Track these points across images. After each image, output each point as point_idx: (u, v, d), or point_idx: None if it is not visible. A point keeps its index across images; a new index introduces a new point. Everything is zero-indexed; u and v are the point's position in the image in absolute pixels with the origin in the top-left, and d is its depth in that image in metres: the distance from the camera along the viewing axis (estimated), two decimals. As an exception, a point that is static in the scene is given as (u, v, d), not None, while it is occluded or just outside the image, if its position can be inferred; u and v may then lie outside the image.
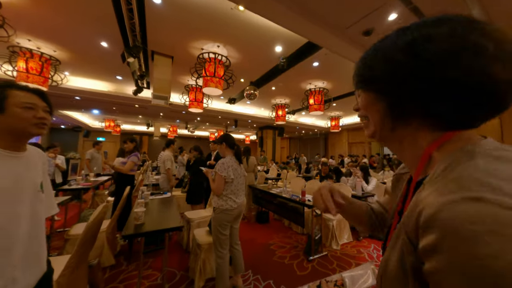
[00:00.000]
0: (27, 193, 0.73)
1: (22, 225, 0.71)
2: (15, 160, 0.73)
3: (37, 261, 0.77)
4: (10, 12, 2.91)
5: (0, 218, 0.66)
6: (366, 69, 0.37)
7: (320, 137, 13.85)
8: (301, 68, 4.75)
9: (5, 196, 0.68)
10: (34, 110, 0.74)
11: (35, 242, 0.76)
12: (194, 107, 5.62)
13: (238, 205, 1.77)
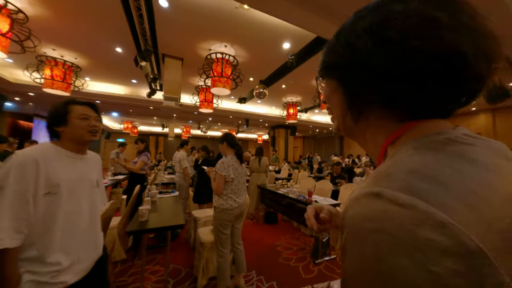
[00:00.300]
0: (87, 187, 0.92)
1: (83, 213, 0.89)
2: (80, 161, 0.93)
3: (95, 245, 0.95)
4: (36, 24, 3.22)
5: (69, 204, 0.84)
6: (329, 55, 0.36)
7: (335, 136, 13.42)
8: (312, 64, 4.63)
9: (74, 187, 0.86)
10: (88, 120, 0.92)
11: (93, 228, 0.93)
12: (205, 107, 5.76)
13: (239, 205, 1.78)
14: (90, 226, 0.92)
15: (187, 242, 2.83)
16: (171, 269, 2.18)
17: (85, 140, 0.92)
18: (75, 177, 0.88)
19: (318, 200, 2.61)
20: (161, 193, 2.75)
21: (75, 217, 0.86)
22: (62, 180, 0.82)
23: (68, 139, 0.90)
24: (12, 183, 0.73)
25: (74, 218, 0.85)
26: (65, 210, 0.82)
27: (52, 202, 0.80)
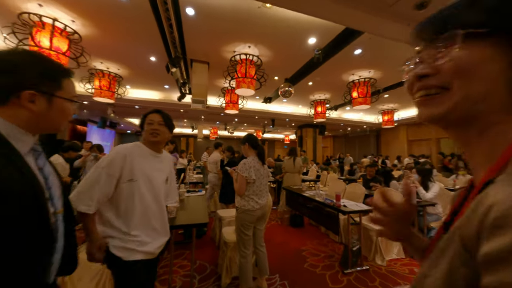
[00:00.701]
0: (157, 182, 1.11)
1: (152, 201, 1.07)
2: (156, 159, 1.15)
3: (166, 227, 1.16)
4: (87, 42, 3.78)
5: (143, 191, 1.04)
6: (480, 10, 0.27)
7: (370, 134, 12.39)
8: (341, 59, 4.38)
9: (148, 178, 1.06)
10: (152, 124, 1.11)
11: (161, 212, 1.12)
12: (230, 108, 5.94)
13: (261, 206, 1.79)
14: (160, 212, 1.11)
15: (212, 240, 2.96)
16: (197, 265, 2.31)
17: (149, 141, 1.12)
18: (150, 170, 1.08)
19: (348, 205, 2.45)
20: (188, 192, 2.94)
21: (148, 202, 1.05)
22: (140, 171, 1.04)
23: (145, 141, 1.14)
24: (106, 167, 1.00)
25: (147, 202, 1.05)
26: (140, 195, 1.03)
27: (132, 187, 1.02)
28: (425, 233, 2.67)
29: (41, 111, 0.53)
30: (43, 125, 0.56)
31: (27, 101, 0.51)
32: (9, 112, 0.51)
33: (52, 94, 0.55)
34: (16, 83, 0.50)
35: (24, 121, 0.52)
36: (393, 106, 8.08)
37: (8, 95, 0.50)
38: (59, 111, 0.57)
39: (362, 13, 2.67)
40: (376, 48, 4.06)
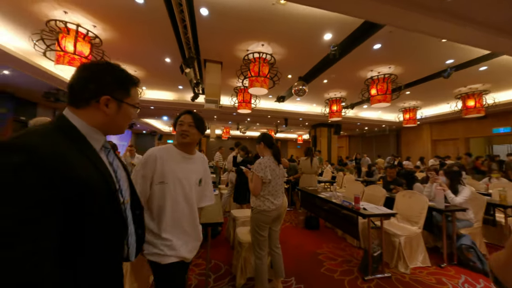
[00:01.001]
0: (188, 183, 1.10)
1: (184, 200, 1.08)
2: (188, 160, 1.15)
3: (197, 231, 1.15)
4: (106, 46, 3.98)
5: (174, 194, 1.05)
6: None
7: (390, 134, 11.85)
8: (358, 54, 4.23)
9: (179, 180, 1.07)
10: (182, 125, 1.11)
11: (194, 217, 1.12)
12: (243, 108, 5.97)
13: (277, 207, 1.77)
14: (191, 215, 1.10)
15: (227, 240, 2.98)
16: (212, 264, 2.34)
17: (179, 142, 1.13)
18: (181, 173, 1.08)
19: (368, 208, 2.35)
20: (203, 191, 2.99)
21: (178, 204, 1.06)
22: (170, 173, 1.05)
23: (175, 142, 1.16)
24: (140, 169, 1.05)
25: (178, 205, 1.06)
26: (171, 197, 1.04)
27: (164, 189, 1.04)
28: (454, 240, 2.49)
29: (111, 115, 0.62)
30: (111, 126, 0.64)
31: (104, 105, 0.60)
32: (88, 114, 0.59)
33: (121, 100, 0.64)
34: (98, 89, 0.59)
35: (99, 122, 0.60)
36: (415, 103, 7.67)
37: (91, 99, 0.59)
38: (125, 115, 0.66)
39: (383, 4, 2.55)
40: (398, 42, 3.87)
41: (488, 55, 4.10)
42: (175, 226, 1.04)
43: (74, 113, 0.58)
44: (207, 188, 1.24)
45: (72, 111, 0.58)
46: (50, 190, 0.42)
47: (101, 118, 0.60)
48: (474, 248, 2.40)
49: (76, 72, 0.60)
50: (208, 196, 1.25)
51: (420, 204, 2.57)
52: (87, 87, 0.58)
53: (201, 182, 1.17)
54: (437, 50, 4.10)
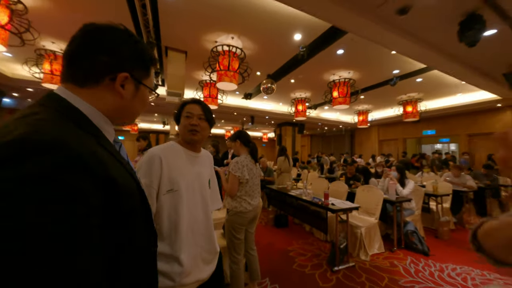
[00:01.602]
0: (200, 186, 0.94)
1: (199, 208, 0.92)
2: (196, 159, 0.97)
3: (213, 241, 0.96)
4: (35, 16, 3.21)
5: (189, 201, 0.88)
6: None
7: (345, 134, 13.24)
8: (324, 57, 4.54)
9: (190, 184, 0.90)
10: (191, 118, 0.93)
11: (208, 226, 0.95)
12: (209, 103, 5.72)
13: (254, 208, 1.73)
14: (205, 223, 0.94)
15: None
16: (178, 275, 2.15)
17: (187, 139, 0.94)
18: (191, 175, 0.92)
19: (335, 203, 2.54)
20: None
21: (195, 214, 0.90)
22: (180, 177, 0.87)
23: (181, 139, 0.97)
24: (142, 177, 0.82)
25: (193, 216, 0.89)
26: (187, 207, 0.87)
27: (175, 199, 0.84)
28: (402, 227, 2.92)
29: (128, 99, 0.49)
30: (125, 114, 0.52)
31: (119, 84, 0.46)
32: (97, 96, 0.45)
33: (140, 81, 0.51)
34: (115, 64, 0.46)
35: (110, 107, 0.47)
36: (367, 107, 8.74)
37: (104, 75, 0.45)
38: (142, 101, 0.53)
39: (348, 12, 2.77)
40: (357, 49, 4.30)
41: (423, 68, 4.96)
42: (193, 241, 0.87)
43: (77, 93, 0.43)
44: (215, 189, 1.08)
45: (73, 91, 0.43)
46: (94, 198, 0.34)
47: (114, 102, 0.47)
48: (416, 233, 2.87)
49: (79, 35, 0.44)
50: (218, 199, 1.09)
51: (377, 197, 2.92)
52: (99, 59, 0.44)
53: (210, 184, 1.02)
54: (387, 60, 4.74)
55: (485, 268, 2.40)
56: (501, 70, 4.32)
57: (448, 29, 3.06)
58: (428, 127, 9.25)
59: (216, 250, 0.98)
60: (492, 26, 3.04)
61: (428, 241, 2.95)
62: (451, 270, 2.36)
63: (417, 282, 2.15)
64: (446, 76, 5.14)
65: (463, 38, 2.85)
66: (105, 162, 0.39)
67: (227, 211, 1.73)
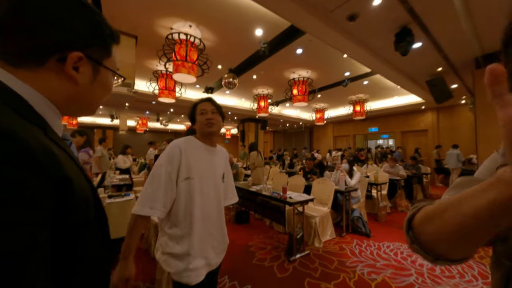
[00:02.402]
0: (213, 178, 1.04)
1: (212, 198, 1.02)
2: (212, 153, 1.08)
3: (223, 232, 1.09)
4: None
5: (202, 190, 0.98)
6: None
7: (305, 131, 14.14)
8: (284, 55, 4.69)
9: (204, 175, 1.00)
10: (206, 114, 1.04)
11: (219, 216, 1.05)
12: (165, 96, 5.29)
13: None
14: (219, 214, 1.04)
15: (146, 252, 2.58)
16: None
17: (205, 132, 1.04)
18: (205, 166, 1.02)
19: (293, 197, 2.68)
20: (111, 197, 2.41)
21: (207, 203, 0.99)
22: (196, 167, 0.98)
23: (199, 134, 1.08)
24: (164, 163, 0.94)
25: (206, 204, 0.99)
26: (199, 195, 0.97)
27: (190, 186, 0.95)
28: (350, 214, 3.29)
29: (83, 84, 0.40)
30: (80, 103, 0.42)
31: (71, 67, 0.37)
32: (41, 80, 0.35)
33: (100, 62, 0.42)
34: (64, 40, 0.36)
35: (60, 95, 0.38)
36: (324, 105, 9.49)
37: (49, 54, 0.35)
38: (103, 87, 0.44)
39: (306, 13, 2.91)
40: (314, 50, 4.58)
41: (369, 72, 5.63)
42: (204, 228, 0.97)
43: (14, 73, 0.33)
44: (230, 184, 1.18)
45: (7, 71, 0.33)
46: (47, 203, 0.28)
47: (66, 89, 0.38)
48: (361, 218, 3.27)
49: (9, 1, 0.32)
50: (233, 194, 1.20)
51: (329, 189, 3.20)
52: (44, 32, 0.34)
53: (224, 178, 1.11)
54: (340, 62, 5.20)
55: (410, 243, 2.90)
56: (425, 78, 5.24)
57: (387, 38, 3.51)
58: (373, 125, 10.62)
59: (226, 241, 1.10)
60: (418, 39, 3.63)
61: (369, 224, 3.40)
62: (386, 248, 2.78)
63: (360, 261, 2.45)
64: (386, 80, 5.95)
65: (398, 47, 3.32)
66: (59, 159, 0.31)
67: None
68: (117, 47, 0.47)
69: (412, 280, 2.10)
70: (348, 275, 2.18)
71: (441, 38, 3.65)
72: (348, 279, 2.11)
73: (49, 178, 0.29)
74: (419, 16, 3.05)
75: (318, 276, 2.16)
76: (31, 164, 0.27)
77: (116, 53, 0.47)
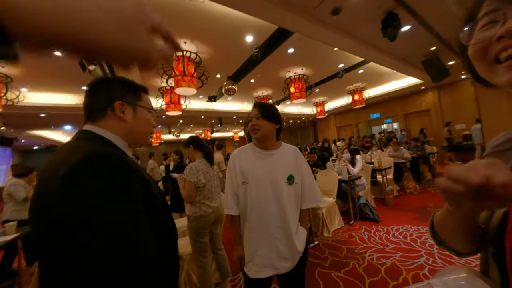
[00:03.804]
0: (271, 181, 0.99)
1: (271, 201, 0.98)
2: (269, 157, 1.04)
3: (290, 236, 0.98)
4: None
5: (257, 194, 0.98)
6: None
7: (308, 125, 13.92)
8: (277, 57, 4.64)
9: (259, 179, 0.99)
10: (251, 121, 1.04)
11: (284, 219, 0.98)
12: (172, 109, 5.41)
13: (214, 209, 1.69)
14: (283, 217, 0.98)
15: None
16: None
17: (252, 139, 1.05)
18: (261, 171, 1.00)
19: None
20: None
21: (265, 206, 0.97)
22: (250, 172, 1.01)
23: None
24: (228, 172, 1.07)
25: (261, 208, 0.98)
26: (253, 199, 0.98)
27: (246, 190, 1.00)
28: (356, 201, 3.20)
29: (129, 121, 0.59)
30: (134, 135, 0.61)
31: (119, 111, 0.57)
32: (108, 124, 0.57)
33: (135, 104, 0.61)
34: (109, 96, 0.57)
35: (121, 131, 0.58)
36: (323, 98, 9.29)
37: (105, 108, 0.56)
38: (143, 120, 0.63)
39: (290, 14, 2.87)
40: (305, 47, 4.49)
41: (362, 61, 5.44)
42: (264, 229, 0.96)
43: (96, 125, 0.56)
44: (306, 186, 1.06)
45: (93, 125, 0.56)
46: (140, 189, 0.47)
47: (121, 126, 0.58)
48: (368, 204, 3.17)
49: (87, 89, 0.60)
50: (309, 196, 1.07)
51: (333, 179, 3.14)
52: (98, 97, 0.58)
53: (293, 179, 1.01)
54: (333, 56, 5.06)
55: (420, 224, 2.78)
56: (420, 59, 4.98)
57: (374, 26, 3.38)
58: (374, 111, 10.26)
59: (295, 247, 0.98)
60: (406, 22, 3.46)
61: (378, 210, 3.30)
62: (395, 231, 2.68)
63: (369, 247, 2.38)
64: (380, 67, 5.73)
65: (385, 33, 3.19)
66: (140, 169, 0.50)
67: (188, 217, 1.66)
68: (147, 95, 0.67)
69: (422, 261, 2.02)
70: (357, 261, 2.13)
71: (430, 18, 3.46)
72: (358, 265, 2.06)
73: (140, 181, 0.47)
74: (404, 0, 2.91)
75: (328, 266, 2.12)
76: (131, 171, 0.46)
77: (147, 98, 0.67)
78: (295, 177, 1.02)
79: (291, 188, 1.00)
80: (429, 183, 4.90)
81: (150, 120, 0.66)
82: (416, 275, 1.84)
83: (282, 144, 1.09)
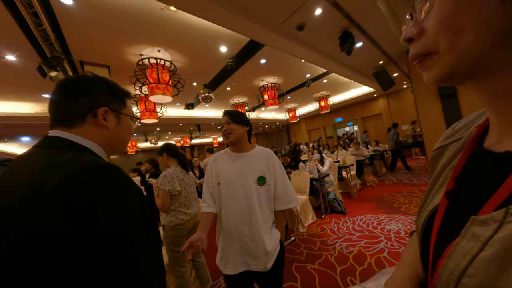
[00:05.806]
0: (243, 181, 0.97)
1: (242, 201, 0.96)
2: (240, 159, 1.02)
3: (258, 235, 0.94)
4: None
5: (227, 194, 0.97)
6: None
7: (282, 129, 14.30)
8: (250, 66, 4.68)
9: (230, 180, 0.98)
10: (222, 127, 1.03)
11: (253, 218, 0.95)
12: (147, 117, 5.05)
13: (192, 216, 1.59)
14: (252, 217, 0.94)
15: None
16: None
17: (226, 143, 1.05)
18: (233, 172, 0.99)
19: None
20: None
21: (236, 206, 0.96)
22: (223, 174, 1.00)
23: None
24: (205, 175, 1.07)
25: (235, 207, 0.96)
26: (225, 199, 0.97)
27: (219, 191, 0.99)
28: (326, 197, 3.34)
29: (112, 129, 0.53)
30: (115, 143, 0.55)
31: (102, 118, 0.50)
32: (87, 131, 0.49)
33: (120, 112, 0.55)
34: (93, 102, 0.50)
35: (101, 139, 0.51)
36: (294, 105, 9.66)
37: (86, 113, 0.49)
38: (126, 128, 0.57)
39: (261, 28, 2.92)
40: (276, 59, 4.62)
41: (326, 72, 5.82)
42: (231, 231, 0.95)
43: (70, 132, 0.47)
44: (280, 188, 1.01)
45: (65, 132, 0.46)
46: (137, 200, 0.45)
47: (102, 134, 0.51)
48: (336, 199, 3.33)
49: (57, 90, 0.48)
50: (283, 197, 1.01)
51: (305, 178, 3.23)
52: (77, 101, 0.48)
53: (265, 181, 0.98)
54: (300, 67, 5.31)
55: (379, 213, 3.01)
56: (371, 71, 5.52)
57: (333, 41, 3.64)
58: (338, 116, 11.02)
59: (263, 244, 0.93)
60: (359, 40, 3.80)
61: (344, 203, 3.48)
62: (359, 221, 2.85)
63: (339, 237, 2.48)
64: (341, 77, 6.18)
65: (342, 48, 3.45)
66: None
67: (163, 227, 1.53)
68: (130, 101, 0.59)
69: (382, 245, 2.17)
70: (329, 252, 2.19)
71: (377, 37, 3.86)
72: (330, 256, 2.12)
73: (134, 190, 0.44)
74: (355, 20, 3.20)
75: (304, 259, 2.14)
76: (128, 182, 0.43)
77: (130, 104, 0.59)
78: (266, 178, 0.98)
79: (262, 189, 0.97)
80: (385, 176, 5.39)
81: (131, 127, 0.60)
82: (378, 259, 1.96)
83: (256, 146, 1.06)
